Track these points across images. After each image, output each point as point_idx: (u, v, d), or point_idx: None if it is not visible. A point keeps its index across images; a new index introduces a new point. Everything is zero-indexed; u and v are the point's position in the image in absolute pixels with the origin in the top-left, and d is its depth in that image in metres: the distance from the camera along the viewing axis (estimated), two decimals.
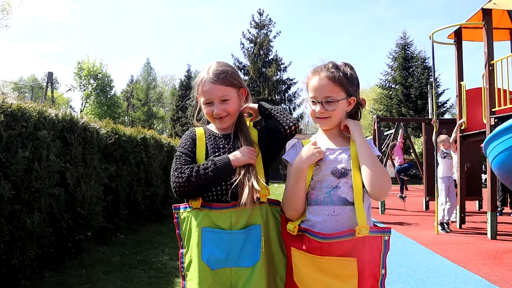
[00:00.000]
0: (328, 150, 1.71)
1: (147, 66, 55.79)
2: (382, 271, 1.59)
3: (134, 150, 6.18)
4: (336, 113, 1.70)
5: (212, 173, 1.66)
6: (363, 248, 1.55)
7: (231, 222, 1.66)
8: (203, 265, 1.65)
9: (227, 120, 1.80)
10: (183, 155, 1.77)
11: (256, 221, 1.69)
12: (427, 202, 10.70)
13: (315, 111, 1.71)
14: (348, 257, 1.54)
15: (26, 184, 3.55)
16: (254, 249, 1.66)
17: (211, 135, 1.83)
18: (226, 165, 1.67)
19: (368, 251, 1.56)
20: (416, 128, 31.06)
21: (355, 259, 1.53)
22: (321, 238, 1.56)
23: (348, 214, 1.61)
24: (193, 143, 1.80)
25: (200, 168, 1.67)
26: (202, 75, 1.80)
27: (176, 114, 43.32)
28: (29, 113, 3.65)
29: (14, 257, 3.41)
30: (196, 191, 1.69)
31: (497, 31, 7.62)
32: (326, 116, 1.71)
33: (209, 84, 1.76)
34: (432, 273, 4.29)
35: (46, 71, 36.37)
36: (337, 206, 1.62)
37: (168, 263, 4.52)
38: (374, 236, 1.57)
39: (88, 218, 4.53)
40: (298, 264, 1.62)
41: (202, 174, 1.65)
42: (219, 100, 1.76)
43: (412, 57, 37.29)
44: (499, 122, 5.95)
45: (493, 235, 6.30)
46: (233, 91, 1.81)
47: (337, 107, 1.69)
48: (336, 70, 1.69)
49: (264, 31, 35.93)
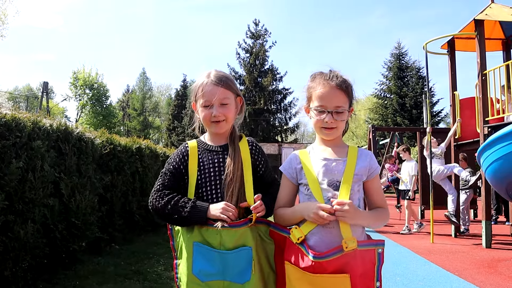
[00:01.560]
0: (325, 160, 1.68)
1: (143, 75, 55.91)
2: (377, 283, 1.56)
3: (129, 160, 6.17)
4: (342, 123, 1.69)
5: (186, 214, 1.67)
6: (355, 263, 1.51)
7: (220, 241, 1.65)
8: (193, 278, 1.67)
9: (223, 125, 1.81)
10: (169, 173, 1.80)
11: (247, 243, 1.66)
12: (422, 211, 10.70)
13: (322, 120, 1.65)
14: (340, 273, 1.51)
15: (20, 195, 3.53)
16: (244, 270, 1.64)
17: (205, 149, 1.84)
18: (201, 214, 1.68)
19: (360, 265, 1.52)
20: (411, 137, 31.16)
21: (348, 275, 1.50)
22: (312, 257, 1.52)
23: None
24: (183, 159, 1.81)
25: (179, 203, 1.69)
26: (201, 79, 1.82)
27: (172, 124, 43.32)
28: (24, 123, 3.64)
29: (7, 268, 3.39)
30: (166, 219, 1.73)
31: (489, 41, 7.71)
32: (333, 126, 1.66)
33: (211, 86, 1.78)
34: (427, 282, 4.29)
35: (41, 81, 36.32)
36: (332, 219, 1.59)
37: (163, 273, 4.49)
38: (366, 250, 1.54)
39: (83, 228, 4.50)
40: (292, 278, 1.59)
41: (178, 209, 1.68)
42: (219, 103, 1.78)
43: (407, 67, 37.53)
44: (493, 131, 5.99)
45: (488, 243, 6.31)
46: (232, 96, 1.83)
47: (345, 118, 1.67)
48: (344, 81, 1.67)
49: (260, 41, 36.15)
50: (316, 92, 1.67)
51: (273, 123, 35.97)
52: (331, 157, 1.68)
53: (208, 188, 1.77)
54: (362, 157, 1.68)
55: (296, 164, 1.73)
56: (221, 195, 1.74)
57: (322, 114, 1.65)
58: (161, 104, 58.33)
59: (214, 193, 1.76)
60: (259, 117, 34.28)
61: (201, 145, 1.85)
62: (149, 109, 55.02)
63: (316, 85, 1.68)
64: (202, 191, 1.78)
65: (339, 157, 1.68)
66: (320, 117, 1.65)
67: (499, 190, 5.64)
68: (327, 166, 1.65)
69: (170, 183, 1.78)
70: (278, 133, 36.25)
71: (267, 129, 35.06)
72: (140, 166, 6.56)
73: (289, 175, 1.74)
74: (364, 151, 1.72)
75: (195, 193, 1.78)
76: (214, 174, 1.77)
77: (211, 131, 1.85)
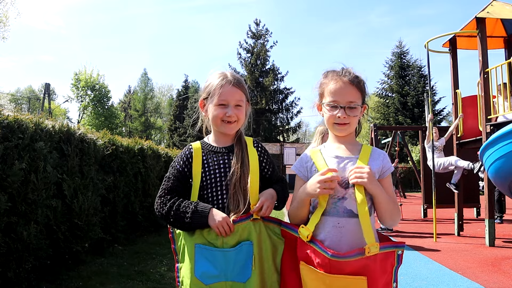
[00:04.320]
0: (337, 158, 1.66)
1: (144, 76, 56.03)
2: (393, 284, 1.56)
3: (131, 160, 6.17)
4: (355, 119, 1.67)
5: (188, 219, 1.68)
6: (374, 266, 1.49)
7: (223, 240, 1.65)
8: (196, 281, 1.66)
9: (234, 126, 1.82)
10: (173, 177, 1.80)
11: (248, 238, 1.67)
12: (425, 210, 10.67)
13: (335, 116, 1.65)
14: (357, 275, 1.48)
15: (22, 196, 3.54)
16: (245, 266, 1.64)
17: (210, 150, 1.84)
18: (203, 219, 1.68)
19: (379, 268, 1.50)
20: (413, 136, 31.15)
21: (365, 277, 1.48)
22: (330, 255, 1.50)
23: (353, 226, 1.57)
24: (187, 161, 1.81)
25: (180, 208, 1.70)
26: (218, 78, 1.82)
27: (174, 124, 43.37)
28: (26, 124, 3.65)
29: (11, 269, 3.39)
30: (172, 225, 1.75)
31: (491, 39, 7.69)
32: (346, 122, 1.66)
33: (229, 86, 1.79)
34: (430, 281, 4.28)
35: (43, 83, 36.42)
36: (342, 218, 1.58)
37: (166, 274, 4.49)
38: (386, 252, 1.52)
39: (85, 229, 4.51)
40: (306, 279, 1.57)
41: (180, 214, 1.69)
42: (235, 104, 1.80)
43: (408, 65, 37.52)
44: (495, 129, 5.97)
45: (491, 242, 6.29)
46: (245, 99, 1.86)
47: (356, 113, 1.66)
48: (356, 76, 1.67)
49: (261, 41, 36.19)
50: (329, 87, 1.67)
51: (275, 123, 35.99)
52: (343, 155, 1.67)
53: (214, 190, 1.76)
54: (374, 156, 1.67)
55: (307, 162, 1.73)
56: (226, 197, 1.74)
57: (335, 110, 1.65)
58: (163, 105, 58.45)
59: (220, 194, 1.76)
60: (260, 117, 34.30)
61: (205, 147, 1.85)
62: (150, 110, 55.12)
63: (328, 81, 1.69)
64: (207, 192, 1.77)
65: (352, 155, 1.67)
66: (333, 113, 1.65)
67: (502, 188, 5.62)
68: (339, 163, 1.65)
69: (174, 187, 1.79)
70: (280, 133, 36.27)
71: (269, 129, 35.08)
72: (142, 167, 6.56)
73: (300, 174, 1.74)
74: (378, 150, 1.71)
75: (200, 195, 1.77)
76: (220, 175, 1.77)
77: (220, 131, 1.84)
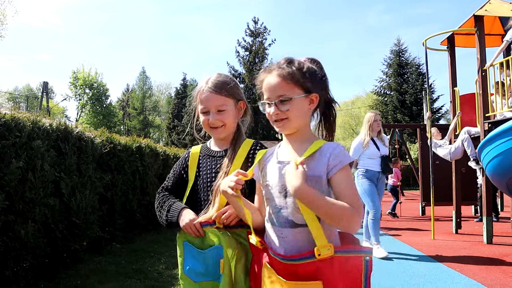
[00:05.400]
0: (279, 164, 1.50)
1: (143, 74, 55.94)
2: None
3: (129, 159, 6.17)
4: (292, 113, 1.46)
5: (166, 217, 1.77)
6: (330, 270, 1.37)
7: (199, 240, 1.68)
8: (184, 277, 1.70)
9: (221, 131, 1.80)
10: (172, 176, 1.91)
11: (219, 241, 1.60)
12: (423, 208, 10.69)
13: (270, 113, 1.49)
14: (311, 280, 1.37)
15: (20, 194, 3.53)
16: (217, 269, 1.60)
17: (206, 154, 1.85)
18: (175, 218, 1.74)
19: (337, 273, 1.38)
20: (412, 134, 31.18)
21: (320, 282, 1.36)
22: (281, 259, 1.42)
23: (297, 237, 1.44)
24: (185, 165, 1.88)
25: (164, 205, 1.80)
26: (200, 85, 1.83)
27: (172, 123, 43.33)
28: (23, 123, 3.64)
29: (8, 268, 3.39)
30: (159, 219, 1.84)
31: (489, 37, 7.70)
32: (282, 118, 1.47)
33: (207, 93, 1.78)
34: (428, 279, 4.28)
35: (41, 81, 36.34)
36: (285, 229, 1.45)
37: (164, 272, 4.49)
38: (347, 257, 1.39)
39: (83, 227, 4.51)
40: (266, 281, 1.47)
41: (162, 211, 1.80)
42: (215, 110, 1.78)
43: (407, 63, 37.55)
44: (493, 127, 5.98)
45: (489, 239, 6.31)
46: (231, 102, 1.81)
47: (292, 106, 1.46)
48: (288, 66, 1.48)
49: (259, 39, 36.09)
50: (263, 85, 1.54)
51: None
52: (285, 159, 1.51)
53: (205, 193, 1.77)
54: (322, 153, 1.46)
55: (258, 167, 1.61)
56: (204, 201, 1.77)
57: (269, 107, 1.50)
58: (161, 103, 58.37)
59: (209, 198, 1.75)
60: (259, 115, 34.23)
61: (204, 151, 1.87)
62: (149, 108, 55.06)
63: (262, 79, 1.55)
64: (199, 196, 1.78)
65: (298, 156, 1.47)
66: (268, 110, 1.50)
67: (500, 186, 5.63)
68: (280, 170, 1.50)
69: (170, 186, 1.88)
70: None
71: (267, 127, 35.03)
72: (140, 165, 6.56)
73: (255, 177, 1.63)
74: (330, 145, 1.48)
75: (194, 199, 1.79)
76: (211, 179, 1.77)
77: (211, 136, 1.88)
